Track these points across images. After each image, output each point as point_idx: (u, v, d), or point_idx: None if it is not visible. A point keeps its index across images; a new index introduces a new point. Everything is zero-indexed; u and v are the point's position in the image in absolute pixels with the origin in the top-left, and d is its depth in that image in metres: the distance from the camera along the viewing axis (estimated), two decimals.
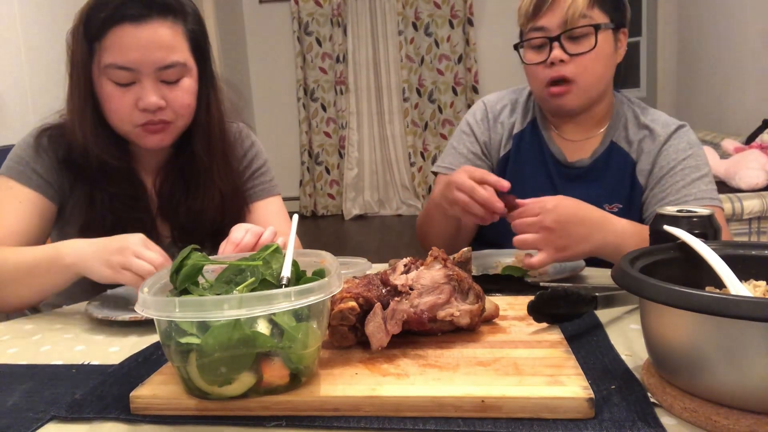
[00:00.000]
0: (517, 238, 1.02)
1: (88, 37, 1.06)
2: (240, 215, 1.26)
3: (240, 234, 0.98)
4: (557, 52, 1.19)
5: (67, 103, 1.13)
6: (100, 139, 1.11)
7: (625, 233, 1.05)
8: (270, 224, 1.26)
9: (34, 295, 1.03)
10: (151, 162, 1.22)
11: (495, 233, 1.25)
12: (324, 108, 5.76)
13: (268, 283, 0.69)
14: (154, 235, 1.19)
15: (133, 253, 0.93)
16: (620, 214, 1.25)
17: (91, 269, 0.95)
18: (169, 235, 1.21)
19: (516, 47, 1.28)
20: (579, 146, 1.31)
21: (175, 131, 1.14)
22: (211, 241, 0.98)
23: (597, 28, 1.18)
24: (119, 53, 1.04)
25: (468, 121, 1.41)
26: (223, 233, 1.02)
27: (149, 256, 0.93)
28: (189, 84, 1.12)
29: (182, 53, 1.09)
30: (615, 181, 1.27)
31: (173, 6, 1.08)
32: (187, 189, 1.21)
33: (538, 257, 1.01)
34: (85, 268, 0.96)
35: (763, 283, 0.65)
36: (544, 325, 0.77)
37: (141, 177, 1.21)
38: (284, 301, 0.59)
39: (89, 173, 1.13)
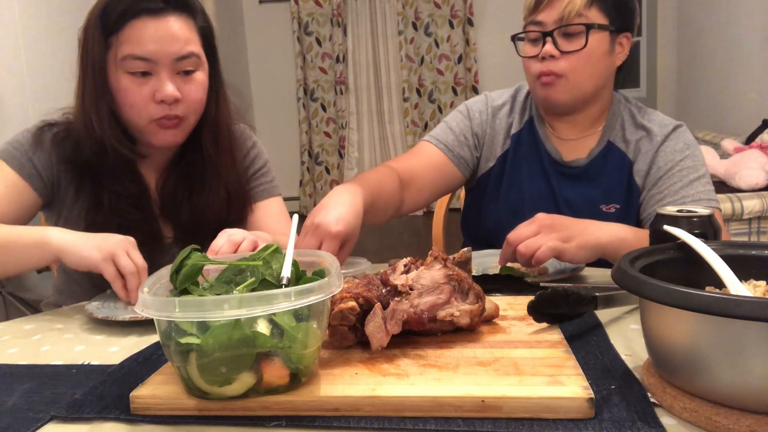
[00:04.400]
0: (522, 245, 0.99)
1: (104, 31, 1.08)
2: (243, 214, 1.26)
3: (220, 241, 0.98)
4: (548, 47, 1.20)
5: (77, 100, 1.13)
6: (114, 131, 1.12)
7: (626, 229, 1.07)
8: (271, 224, 1.26)
9: (4, 271, 1.04)
10: (155, 161, 1.22)
11: (496, 235, 1.25)
12: (324, 108, 5.76)
13: (268, 283, 0.69)
14: (156, 235, 1.19)
15: (124, 249, 0.96)
16: (618, 215, 1.25)
17: (79, 251, 0.96)
18: (171, 235, 1.21)
19: (513, 39, 1.29)
20: (575, 145, 1.31)
21: (186, 128, 1.15)
22: (211, 241, 0.98)
23: (589, 27, 1.18)
24: (137, 44, 1.06)
25: (468, 106, 1.41)
26: None
27: (136, 258, 0.96)
28: (202, 78, 1.14)
29: (196, 46, 1.12)
30: (612, 181, 1.27)
31: (187, 2, 1.12)
32: (192, 187, 1.21)
33: (543, 248, 0.98)
34: (71, 250, 0.96)
35: (763, 283, 0.65)
36: (544, 325, 0.77)
37: (145, 176, 1.21)
38: (284, 301, 0.59)
39: (95, 172, 1.13)
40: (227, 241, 0.97)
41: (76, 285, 1.21)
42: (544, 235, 0.99)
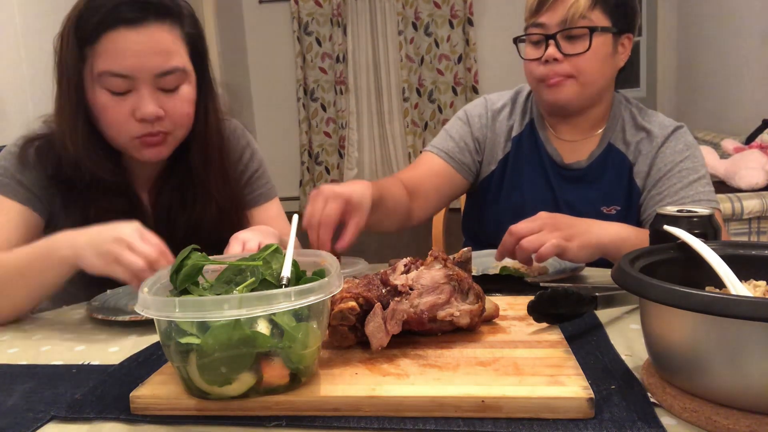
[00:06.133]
0: (526, 240, 0.98)
1: (79, 42, 1.00)
2: (239, 225, 1.20)
3: (236, 249, 0.95)
4: (551, 50, 1.19)
5: (55, 112, 1.06)
6: (92, 152, 1.05)
7: (628, 228, 1.07)
8: (270, 228, 1.24)
9: (29, 298, 0.97)
10: (146, 175, 1.17)
11: (497, 237, 1.25)
12: (324, 108, 5.76)
13: (268, 283, 0.69)
14: None
15: (126, 245, 0.85)
16: (618, 216, 1.25)
17: (84, 258, 0.88)
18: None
19: (515, 41, 1.28)
20: (576, 147, 1.31)
21: (173, 142, 1.09)
22: (210, 253, 0.96)
23: (593, 30, 1.17)
24: (114, 59, 0.99)
25: (467, 112, 1.40)
26: (222, 245, 0.99)
27: (143, 250, 0.85)
28: (188, 92, 1.06)
29: (181, 58, 1.04)
30: (612, 182, 1.27)
31: (170, 8, 1.03)
32: (184, 202, 1.16)
33: (547, 244, 0.97)
34: (78, 257, 0.89)
35: (763, 283, 0.65)
36: (544, 325, 0.77)
37: (136, 191, 1.16)
38: (284, 301, 0.59)
39: (81, 188, 1.08)
40: (245, 250, 0.94)
41: (76, 286, 1.20)
42: (547, 232, 0.99)
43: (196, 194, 1.16)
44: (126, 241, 0.86)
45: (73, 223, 1.08)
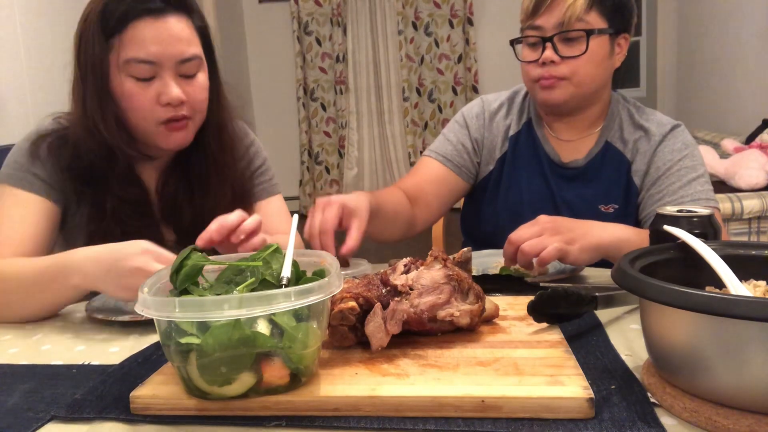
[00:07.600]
0: (527, 244, 0.97)
1: (105, 32, 1.05)
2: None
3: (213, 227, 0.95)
4: (549, 53, 1.19)
5: (77, 104, 1.10)
6: (123, 135, 1.09)
7: (628, 229, 1.07)
8: (272, 224, 1.25)
9: (42, 310, 0.99)
10: (157, 164, 1.20)
11: (495, 236, 1.25)
12: (324, 107, 5.76)
13: (268, 283, 0.69)
14: (158, 239, 1.17)
15: (145, 275, 0.86)
16: (616, 214, 1.25)
17: (106, 292, 0.92)
18: (172, 238, 1.20)
19: (512, 43, 1.29)
20: (574, 146, 1.31)
21: (193, 128, 1.14)
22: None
23: (589, 33, 1.17)
24: (141, 47, 1.05)
25: (464, 114, 1.41)
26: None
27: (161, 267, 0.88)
28: (203, 79, 1.13)
29: (197, 47, 1.11)
30: (610, 181, 1.27)
31: (185, 2, 1.10)
32: (192, 189, 1.19)
33: (549, 248, 0.97)
34: (96, 288, 0.92)
35: (763, 283, 0.65)
36: (544, 325, 0.77)
37: (144, 179, 1.20)
38: (284, 301, 0.59)
39: (94, 180, 1.11)
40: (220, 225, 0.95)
41: None
42: (548, 236, 0.99)
43: (210, 179, 1.20)
44: (144, 271, 0.86)
45: (86, 213, 1.12)
